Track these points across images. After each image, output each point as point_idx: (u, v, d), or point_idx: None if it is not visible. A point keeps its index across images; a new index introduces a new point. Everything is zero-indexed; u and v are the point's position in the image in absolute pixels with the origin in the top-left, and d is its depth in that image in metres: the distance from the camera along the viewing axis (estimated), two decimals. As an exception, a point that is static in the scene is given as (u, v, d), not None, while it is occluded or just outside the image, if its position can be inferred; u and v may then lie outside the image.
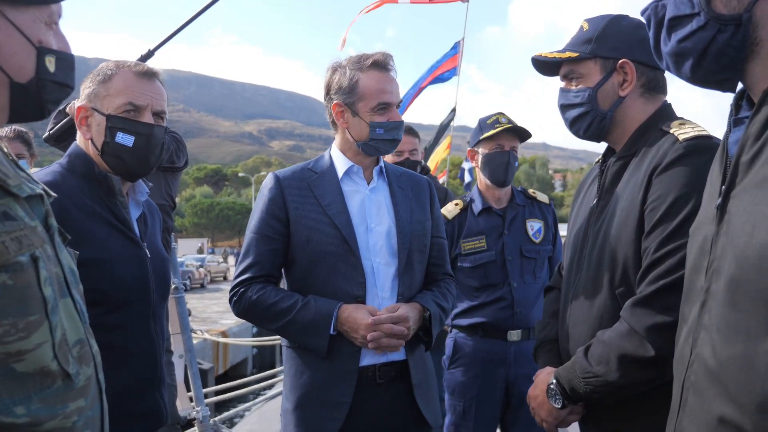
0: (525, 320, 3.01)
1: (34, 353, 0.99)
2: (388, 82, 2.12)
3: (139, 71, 1.81)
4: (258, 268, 2.10)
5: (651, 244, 1.55)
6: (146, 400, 1.79)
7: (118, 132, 1.76)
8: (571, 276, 1.85)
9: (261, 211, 2.14)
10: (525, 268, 3.07)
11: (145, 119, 1.80)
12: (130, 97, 1.77)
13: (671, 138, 1.62)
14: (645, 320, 1.51)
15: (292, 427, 2.07)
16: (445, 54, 8.45)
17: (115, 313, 1.71)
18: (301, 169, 2.23)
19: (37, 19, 1.13)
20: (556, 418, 1.76)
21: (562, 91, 1.85)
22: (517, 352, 2.99)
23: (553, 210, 3.30)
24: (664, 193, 1.55)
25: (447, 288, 2.27)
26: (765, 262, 0.88)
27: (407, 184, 2.26)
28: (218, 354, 15.39)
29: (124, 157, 1.78)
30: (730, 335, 0.94)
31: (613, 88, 1.75)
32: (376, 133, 2.10)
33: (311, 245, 2.07)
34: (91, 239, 1.66)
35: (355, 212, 2.12)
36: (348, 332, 2.01)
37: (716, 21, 1.04)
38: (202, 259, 36.50)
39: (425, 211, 2.26)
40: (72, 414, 1.06)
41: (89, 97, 1.79)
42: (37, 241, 1.04)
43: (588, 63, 1.77)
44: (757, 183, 0.94)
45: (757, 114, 0.98)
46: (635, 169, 1.69)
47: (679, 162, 1.55)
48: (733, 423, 0.92)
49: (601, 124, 1.77)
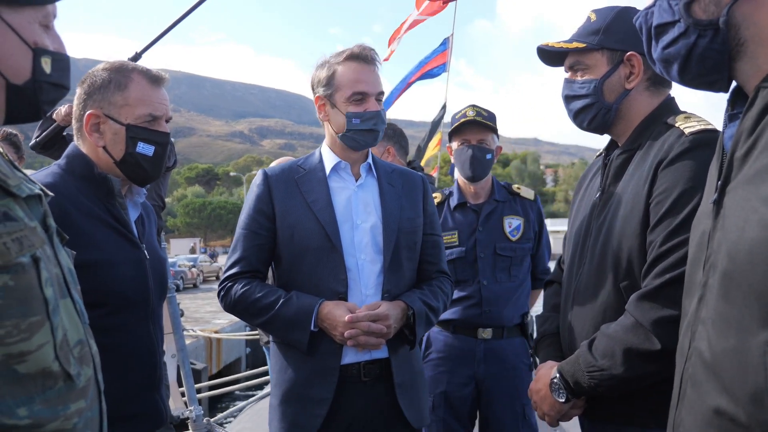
0: (496, 318, 2.96)
1: (36, 354, 0.99)
2: (365, 72, 2.10)
3: (152, 78, 1.81)
4: (245, 263, 2.12)
5: (656, 238, 1.54)
6: (146, 402, 1.79)
7: (140, 142, 1.77)
8: (573, 270, 1.84)
9: (249, 207, 2.16)
10: (498, 266, 3.01)
11: (162, 128, 1.82)
12: (150, 108, 1.78)
13: (677, 131, 1.62)
14: (651, 314, 1.50)
15: (276, 422, 2.10)
16: (434, 50, 8.44)
17: (115, 315, 1.70)
18: (290, 165, 2.23)
19: (33, 20, 1.13)
20: (558, 412, 1.75)
21: (566, 82, 1.83)
22: (487, 350, 2.94)
23: (539, 207, 3.22)
24: (669, 187, 1.55)
25: (439, 286, 2.23)
26: (755, 257, 0.89)
27: (398, 180, 2.24)
28: (211, 354, 15.36)
29: (145, 166, 1.79)
30: (724, 328, 0.96)
31: (620, 81, 1.75)
32: (352, 123, 2.09)
33: (295, 241, 2.08)
34: (90, 241, 1.65)
35: (341, 209, 2.11)
36: (328, 329, 2.01)
37: (696, 27, 1.07)
38: (194, 259, 36.37)
39: (416, 208, 2.23)
40: (73, 415, 1.05)
41: (101, 104, 1.76)
42: (37, 241, 1.03)
43: (595, 54, 1.76)
44: (749, 178, 0.95)
45: (750, 110, 0.99)
46: (640, 162, 1.68)
47: (686, 155, 1.55)
48: (728, 414, 0.94)
49: (606, 116, 1.76)
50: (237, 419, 6.39)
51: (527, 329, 3.05)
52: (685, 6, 1.09)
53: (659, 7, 1.15)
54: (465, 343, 2.97)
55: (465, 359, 2.96)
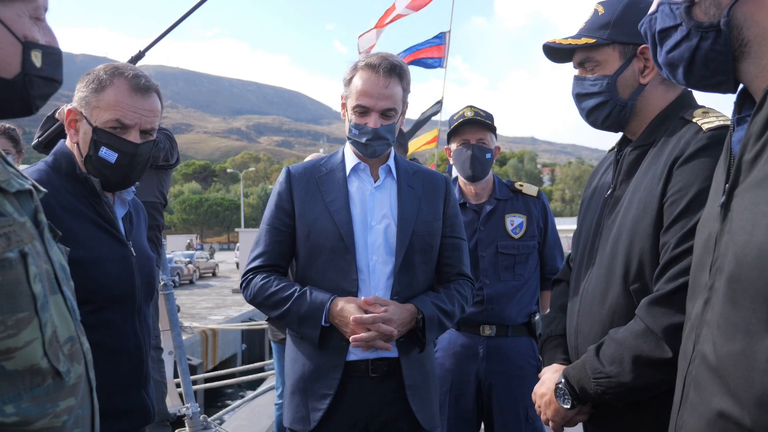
0: (499, 316, 2.96)
1: (24, 351, 0.98)
2: (375, 86, 2.07)
3: (135, 86, 1.76)
4: (266, 257, 2.20)
5: (670, 240, 1.47)
6: (132, 398, 1.80)
7: (102, 146, 1.74)
8: (581, 269, 1.78)
9: (272, 203, 2.24)
10: (501, 264, 3.00)
11: (131, 138, 1.77)
12: (118, 114, 1.74)
13: (694, 127, 1.55)
14: (663, 320, 1.43)
15: (285, 410, 2.19)
16: (428, 39, 8.41)
17: (101, 312, 1.71)
18: (313, 164, 2.26)
19: (22, 14, 1.12)
20: (563, 418, 1.69)
21: (576, 80, 1.76)
22: (490, 348, 2.95)
23: (544, 202, 3.19)
24: (685, 186, 1.47)
25: (457, 289, 2.22)
26: (764, 261, 0.88)
27: (419, 182, 2.24)
28: (207, 350, 15.35)
29: (105, 172, 1.78)
30: (730, 332, 0.95)
31: (633, 76, 1.68)
32: (352, 132, 2.13)
33: (311, 239, 2.13)
34: (76, 238, 1.65)
35: (358, 210, 2.14)
36: (339, 325, 2.04)
37: (697, 30, 1.08)
38: (190, 256, 36.38)
39: (436, 211, 2.23)
40: (62, 413, 1.05)
41: (80, 103, 1.76)
42: (26, 237, 1.02)
43: (605, 49, 1.69)
44: (757, 182, 0.94)
45: (758, 113, 0.98)
46: (654, 159, 1.62)
47: (703, 153, 1.47)
48: (733, 418, 0.93)
49: (622, 113, 1.69)
50: (233, 416, 6.40)
51: (535, 329, 3.02)
52: (686, 9, 1.09)
53: (662, 12, 1.16)
54: (468, 339, 2.98)
55: (468, 357, 2.96)
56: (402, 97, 2.14)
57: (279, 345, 4.26)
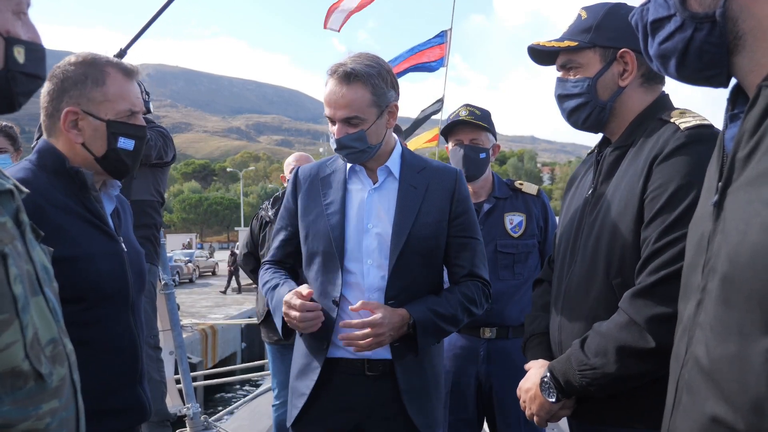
0: (499, 317, 2.92)
1: (5, 353, 0.96)
2: (333, 94, 1.99)
3: (126, 72, 1.79)
4: (273, 253, 2.31)
5: (651, 234, 1.52)
6: (128, 396, 1.78)
7: (120, 137, 1.77)
8: (563, 267, 1.82)
9: (283, 202, 2.31)
10: (501, 263, 2.97)
11: (140, 122, 1.82)
12: (128, 103, 1.78)
13: (672, 127, 1.60)
14: (645, 311, 1.47)
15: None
16: (430, 39, 8.38)
17: (94, 309, 1.69)
18: (320, 164, 2.26)
19: (5, 9, 1.10)
20: (548, 412, 1.71)
21: (559, 81, 1.81)
22: (490, 349, 2.92)
23: (545, 201, 3.16)
24: (665, 182, 1.52)
25: (462, 292, 2.13)
26: (758, 262, 0.86)
27: (424, 181, 2.14)
28: (207, 348, 15.37)
29: (126, 161, 1.80)
30: (724, 334, 0.92)
31: (613, 78, 1.73)
32: (328, 139, 2.12)
33: (308, 242, 2.15)
34: (66, 236, 1.63)
35: (354, 212, 2.10)
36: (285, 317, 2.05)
37: (692, 20, 1.04)
38: (190, 254, 36.40)
39: (440, 210, 2.13)
40: (45, 415, 1.03)
41: (80, 101, 1.73)
42: (6, 237, 1.00)
43: (587, 52, 1.74)
44: (751, 180, 0.92)
45: (752, 110, 0.95)
46: (633, 158, 1.67)
47: (681, 150, 1.53)
48: (726, 422, 0.90)
49: (601, 114, 1.75)
50: (234, 416, 6.39)
51: None
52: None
53: (654, 2, 1.13)
54: (468, 341, 2.95)
55: (468, 359, 2.94)
56: (370, 101, 1.99)
57: (273, 346, 4.23)
